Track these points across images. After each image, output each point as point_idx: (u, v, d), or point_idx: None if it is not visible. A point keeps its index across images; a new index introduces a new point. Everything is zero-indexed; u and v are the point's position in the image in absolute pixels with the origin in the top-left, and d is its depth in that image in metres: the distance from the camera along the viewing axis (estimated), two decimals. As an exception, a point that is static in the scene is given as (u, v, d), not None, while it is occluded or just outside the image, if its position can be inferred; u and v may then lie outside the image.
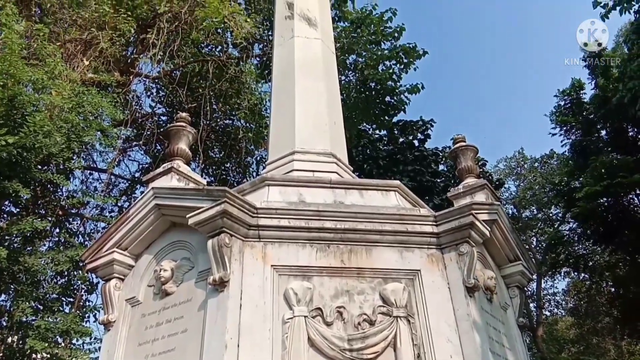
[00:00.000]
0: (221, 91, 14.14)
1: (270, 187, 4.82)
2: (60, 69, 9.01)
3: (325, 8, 7.65)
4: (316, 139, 5.87)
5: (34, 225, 8.14)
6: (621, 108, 15.18)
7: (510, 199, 26.54)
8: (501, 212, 4.85)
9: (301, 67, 6.42)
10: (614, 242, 16.91)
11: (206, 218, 4.02)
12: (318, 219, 4.31)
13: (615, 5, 11.49)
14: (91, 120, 9.35)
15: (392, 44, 15.21)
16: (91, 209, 12.70)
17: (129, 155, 15.18)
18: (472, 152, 5.49)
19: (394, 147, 15.97)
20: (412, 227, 4.38)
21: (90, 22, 10.95)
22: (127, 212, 4.86)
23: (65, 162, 9.18)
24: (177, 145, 5.20)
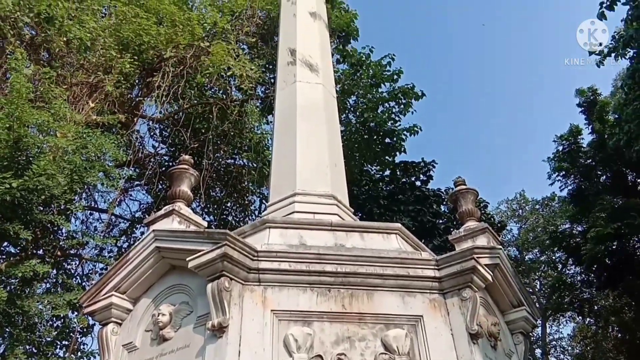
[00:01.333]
0: (224, 132, 14.33)
1: (271, 230, 4.81)
2: (66, 111, 9.17)
3: (327, 54, 7.86)
4: (317, 181, 5.90)
5: (34, 269, 8.06)
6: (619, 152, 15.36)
7: (512, 241, 26.38)
8: (503, 256, 4.81)
9: (303, 110, 6.54)
10: (618, 287, 16.69)
11: (206, 261, 3.99)
12: (319, 262, 4.28)
13: (610, 52, 11.79)
14: (94, 161, 9.44)
15: (391, 85, 15.55)
16: (90, 249, 12.62)
17: (130, 194, 15.22)
18: (473, 196, 5.51)
19: (395, 187, 16.03)
20: (414, 271, 4.34)
21: (97, 65, 11.22)
22: (126, 255, 4.83)
23: (66, 204, 9.20)
24: (179, 188, 5.23)
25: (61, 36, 10.39)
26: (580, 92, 19.06)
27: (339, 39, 15.60)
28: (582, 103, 18.95)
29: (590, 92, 18.79)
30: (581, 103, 18.99)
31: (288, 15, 7.89)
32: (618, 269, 16.16)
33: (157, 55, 12.16)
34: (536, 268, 25.04)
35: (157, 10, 12.55)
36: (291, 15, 7.78)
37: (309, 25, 7.65)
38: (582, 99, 18.94)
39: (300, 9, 7.74)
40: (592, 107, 18.56)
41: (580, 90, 19.05)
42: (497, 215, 24.72)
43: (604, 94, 19.42)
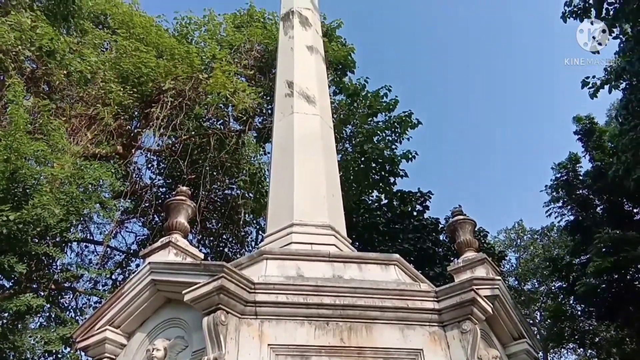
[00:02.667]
0: (221, 162, 14.37)
1: (268, 261, 4.77)
2: (64, 142, 9.21)
3: (324, 86, 7.97)
4: (314, 212, 5.89)
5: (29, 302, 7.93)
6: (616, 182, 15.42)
7: (511, 271, 26.18)
8: (503, 287, 4.77)
9: (300, 141, 6.58)
10: (618, 318, 16.49)
11: (202, 294, 3.93)
12: (317, 295, 4.23)
13: (603, 84, 12.00)
14: (91, 192, 9.42)
15: (387, 115, 15.73)
16: (85, 282, 12.46)
17: (126, 226, 15.12)
18: (471, 225, 5.49)
19: (393, 216, 16.00)
20: (413, 303, 4.28)
21: (96, 98, 11.34)
22: (121, 288, 4.76)
23: (62, 234, 9.12)
24: (176, 219, 5.20)
25: (62, 69, 10.54)
26: (577, 120, 19.17)
27: (336, 71, 15.86)
28: (579, 131, 19.04)
29: (587, 120, 18.93)
30: (578, 131, 19.09)
31: (286, 49, 8.04)
32: (618, 300, 16.00)
33: (156, 87, 12.31)
34: (536, 299, 24.78)
35: (157, 43, 12.79)
36: (289, 48, 7.93)
37: (306, 58, 7.79)
38: (579, 127, 19.03)
39: (298, 43, 7.89)
40: (589, 135, 18.68)
41: (577, 118, 19.16)
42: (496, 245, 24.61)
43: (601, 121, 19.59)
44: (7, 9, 10.67)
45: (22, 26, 10.01)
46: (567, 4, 11.26)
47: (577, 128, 19.14)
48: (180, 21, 15.10)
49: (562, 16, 11.31)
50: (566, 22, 11.32)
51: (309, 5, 8.69)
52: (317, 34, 8.58)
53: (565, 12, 11.28)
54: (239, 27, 15.39)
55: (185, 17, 15.12)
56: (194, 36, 15.22)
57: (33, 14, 10.60)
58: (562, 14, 11.31)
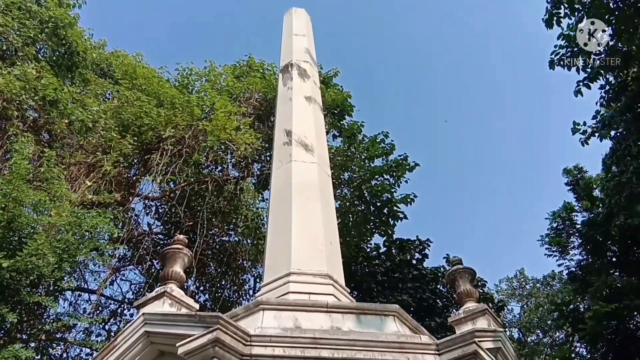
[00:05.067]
0: (219, 209, 14.36)
1: (264, 312, 4.68)
2: (64, 191, 9.23)
3: (321, 135, 8.10)
4: (312, 260, 5.83)
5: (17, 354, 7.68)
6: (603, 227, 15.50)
7: (514, 321, 25.64)
8: (505, 339, 4.66)
9: (298, 189, 6.61)
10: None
11: (197, 347, 3.83)
12: (314, 348, 4.12)
13: (593, 132, 12.24)
14: (86, 239, 9.34)
15: (384, 159, 15.89)
16: (77, 332, 12.13)
17: (122, 274, 14.91)
18: (470, 275, 5.44)
19: (392, 265, 15.81)
20: (414, 357, 4.17)
21: (96, 146, 11.47)
22: (114, 340, 4.64)
23: (55, 283, 8.97)
24: (171, 268, 5.14)
25: (63, 118, 10.71)
26: (567, 172, 19.52)
27: (334, 115, 16.15)
28: (570, 182, 19.34)
29: (576, 170, 19.24)
30: (569, 182, 19.39)
31: (284, 99, 8.22)
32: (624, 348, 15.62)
33: (156, 136, 12.48)
34: (540, 351, 24.13)
35: (158, 93, 13.08)
36: (287, 99, 8.11)
37: (305, 108, 7.95)
38: (569, 178, 19.34)
39: (297, 93, 8.09)
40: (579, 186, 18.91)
41: (567, 170, 19.52)
42: (498, 294, 24.25)
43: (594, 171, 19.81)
44: (13, 60, 10.98)
45: (27, 76, 10.26)
46: (554, 52, 11.65)
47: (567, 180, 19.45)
48: (181, 72, 15.54)
49: (550, 64, 11.68)
50: (554, 69, 11.67)
51: (307, 58, 8.96)
52: (315, 85, 8.81)
53: (552, 60, 11.65)
54: (239, 77, 15.81)
55: (187, 68, 15.58)
56: (195, 86, 15.60)
57: (38, 64, 10.90)
58: (550, 62, 11.68)
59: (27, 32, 11.11)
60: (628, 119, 11.87)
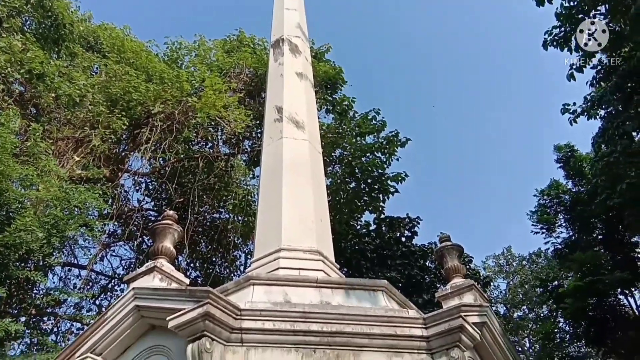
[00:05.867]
0: (210, 186, 14.32)
1: (255, 287, 4.72)
2: (51, 166, 9.12)
3: (312, 112, 8.04)
4: (302, 237, 5.86)
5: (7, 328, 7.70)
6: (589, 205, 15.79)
7: (500, 297, 26.14)
8: (491, 314, 4.75)
9: (288, 166, 6.59)
10: (606, 344, 16.50)
11: (187, 321, 3.86)
12: (304, 321, 4.17)
13: (582, 111, 12.30)
14: (75, 215, 9.28)
15: (375, 137, 15.88)
16: (67, 307, 12.17)
17: (112, 250, 14.91)
18: (458, 252, 5.50)
19: (381, 242, 15.95)
20: (401, 331, 4.24)
21: (84, 121, 11.30)
22: (104, 314, 4.66)
23: (44, 258, 8.95)
24: (161, 244, 5.14)
25: (50, 92, 10.51)
26: (557, 149, 19.66)
27: (327, 89, 16.03)
28: (560, 159, 19.52)
29: (567, 148, 19.39)
30: (559, 159, 19.56)
31: (275, 75, 8.12)
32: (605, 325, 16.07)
33: (145, 111, 12.31)
34: (525, 326, 24.69)
35: (146, 68, 12.85)
36: (278, 75, 8.01)
37: (296, 84, 7.87)
38: (560, 155, 19.51)
39: (288, 69, 7.98)
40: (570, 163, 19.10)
41: (557, 147, 19.65)
42: (485, 270, 24.62)
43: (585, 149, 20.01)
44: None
45: (13, 49, 10.02)
46: (547, 32, 11.60)
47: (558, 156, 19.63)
48: (170, 46, 15.27)
49: (543, 44, 11.64)
50: (547, 50, 11.64)
51: (298, 33, 8.82)
52: (307, 60, 8.70)
53: (546, 40, 11.61)
54: (229, 52, 15.57)
55: (176, 42, 15.31)
56: (184, 61, 15.35)
57: (24, 37, 10.63)
58: (543, 42, 11.64)
59: (12, 2, 10.80)
60: (618, 99, 11.93)
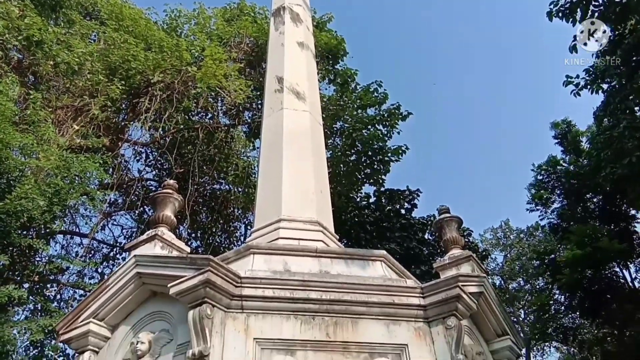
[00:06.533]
0: (210, 156, 14.31)
1: (255, 256, 4.76)
2: (50, 134, 9.08)
3: (314, 83, 7.96)
4: (302, 208, 5.89)
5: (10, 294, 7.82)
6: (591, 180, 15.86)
7: (496, 270, 26.46)
8: (487, 284, 4.82)
9: (289, 137, 6.57)
10: (600, 315, 16.80)
11: (188, 287, 3.91)
12: (303, 289, 4.23)
13: (586, 84, 12.15)
14: (76, 184, 9.31)
15: (377, 109, 15.78)
16: (70, 275, 12.33)
17: (113, 219, 15.01)
18: (457, 223, 5.54)
19: (381, 215, 16.03)
20: (399, 299, 4.31)
21: (83, 89, 11.20)
22: (106, 280, 4.73)
23: (46, 226, 9.02)
24: (162, 212, 5.16)
25: (49, 60, 10.38)
26: (555, 125, 19.62)
27: (328, 60, 15.83)
28: (558, 135, 19.51)
29: (564, 124, 19.33)
30: (557, 135, 19.55)
31: (276, 45, 8.00)
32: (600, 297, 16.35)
33: (144, 80, 12.19)
34: (520, 297, 25.07)
35: (145, 36, 12.65)
36: (279, 44, 7.90)
37: (297, 54, 7.77)
38: (557, 131, 19.49)
39: (289, 39, 7.86)
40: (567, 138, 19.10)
41: (555, 123, 19.60)
42: (482, 244, 24.85)
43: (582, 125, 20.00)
44: (-6, -3, 10.49)
45: (10, 15, 9.84)
46: (553, 3, 11.36)
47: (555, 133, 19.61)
48: (170, 14, 15.01)
49: (548, 15, 11.42)
50: (552, 21, 11.41)
51: (299, 1, 8.66)
52: (308, 30, 8.56)
53: (551, 10, 11.38)
54: (229, 20, 15.32)
55: (175, 10, 15.04)
56: (184, 29, 15.12)
57: (21, 3, 10.44)
58: (548, 12, 11.42)
59: (9, -33, 10.56)
60: (622, 73, 11.78)
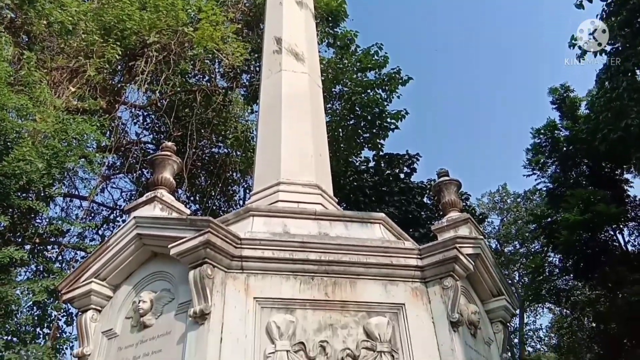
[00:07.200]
0: (208, 120, 14.19)
1: (254, 218, 4.79)
2: (46, 96, 8.96)
3: (313, 44, 7.81)
4: (301, 171, 5.89)
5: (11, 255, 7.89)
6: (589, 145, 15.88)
7: (493, 233, 26.78)
8: (485, 246, 4.87)
9: (288, 100, 6.49)
10: (593, 277, 17.13)
11: (189, 248, 3.96)
12: (302, 251, 4.28)
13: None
14: (74, 146, 9.26)
15: (377, 73, 15.56)
16: (71, 237, 12.43)
17: (112, 182, 15.03)
18: (455, 186, 5.55)
19: (380, 179, 16.07)
20: (397, 260, 4.36)
21: (78, 50, 10.98)
22: (107, 241, 4.77)
23: (45, 189, 9.02)
24: (161, 175, 5.16)
25: (42, 19, 10.13)
26: (552, 91, 19.46)
27: (327, 22, 15.49)
28: (556, 100, 19.38)
29: (562, 89, 19.17)
30: (554, 100, 19.43)
31: (274, 4, 7.80)
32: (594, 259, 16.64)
33: (140, 41, 11.94)
34: (516, 260, 25.49)
35: (140, -6, 12.30)
36: (277, 3, 7.69)
37: (296, 14, 7.58)
38: (555, 97, 19.35)
39: (287, -3, 7.66)
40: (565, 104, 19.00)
41: (552, 89, 19.44)
42: (479, 207, 25.06)
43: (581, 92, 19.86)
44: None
45: (0, -29, 9.55)
46: None
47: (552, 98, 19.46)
48: (164, -30, 14.52)
49: None
50: None
51: (299, -43, 8.38)
52: (307, -12, 8.32)
53: None
54: (226, -22, 14.87)
55: (170, -33, 14.54)
56: (180, -12, 14.66)
57: (11, -42, 10.10)
58: None
59: None
60: (626, 34, 11.59)
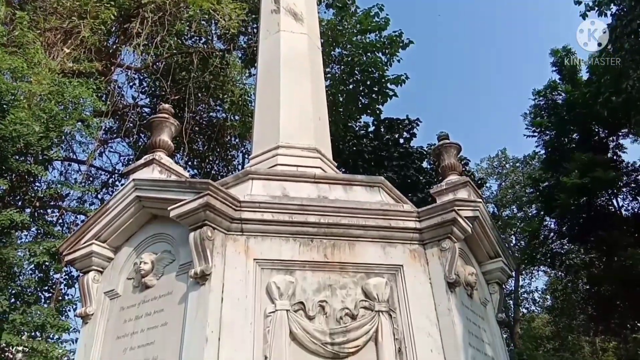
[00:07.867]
0: (205, 84, 14.00)
1: (253, 181, 4.79)
2: (40, 57, 8.80)
3: (312, 3, 7.61)
4: (301, 134, 5.85)
5: (12, 217, 7.92)
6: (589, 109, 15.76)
7: (491, 198, 26.90)
8: (483, 209, 4.90)
9: (286, 61, 6.38)
10: (588, 241, 17.34)
11: (188, 210, 3.97)
12: (302, 213, 4.30)
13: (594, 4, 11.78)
14: (71, 110, 9.16)
15: (377, 35, 15.27)
16: (70, 200, 12.47)
17: (110, 146, 14.97)
18: (455, 150, 5.53)
19: (380, 143, 16.01)
20: (396, 223, 4.39)
21: (71, 10, 10.71)
22: (106, 204, 4.78)
23: (43, 152, 8.98)
24: (159, 137, 5.12)
25: (33, -23, 9.85)
26: (554, 52, 19.15)
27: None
28: (557, 62, 19.12)
29: (564, 51, 18.87)
30: (555, 62, 19.17)
31: (272, -39, 7.55)
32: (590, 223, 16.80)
33: (134, 1, 11.64)
34: (513, 224, 25.72)
35: (134, -48, 11.92)
36: (275, -40, 7.45)
37: (294, -29, 7.34)
38: (556, 59, 19.08)
39: (285, -46, 7.40)
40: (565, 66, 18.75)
41: (554, 51, 19.14)
42: (478, 172, 25.08)
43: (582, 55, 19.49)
44: None
45: None
46: None
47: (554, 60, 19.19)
48: None
49: None
50: None
51: None
52: (306, -56, 8.03)
53: None
54: None
55: None
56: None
57: None
58: None
59: None
60: (633, -5, 11.33)
